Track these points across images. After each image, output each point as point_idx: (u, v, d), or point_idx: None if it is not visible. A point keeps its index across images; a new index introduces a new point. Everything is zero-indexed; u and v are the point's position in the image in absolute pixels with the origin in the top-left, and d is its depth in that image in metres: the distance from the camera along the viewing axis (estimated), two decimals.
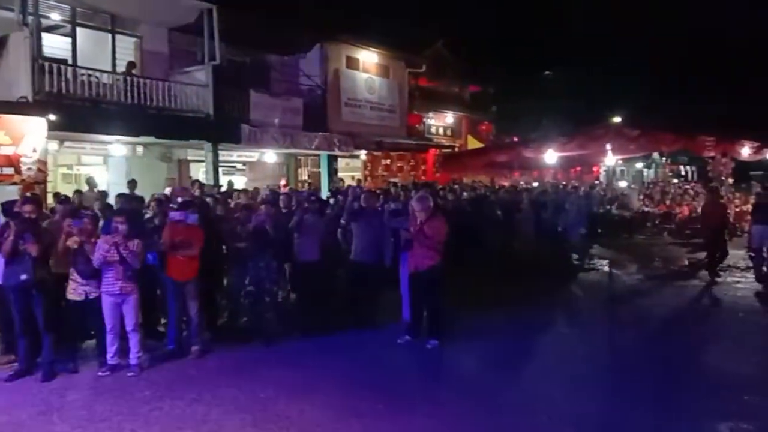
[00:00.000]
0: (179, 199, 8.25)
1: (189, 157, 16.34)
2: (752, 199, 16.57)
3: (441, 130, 27.55)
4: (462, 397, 5.77)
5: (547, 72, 38.31)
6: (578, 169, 27.87)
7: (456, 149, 26.23)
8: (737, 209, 19.13)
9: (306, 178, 19.89)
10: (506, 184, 20.90)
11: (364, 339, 7.61)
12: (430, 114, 26.67)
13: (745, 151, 18.18)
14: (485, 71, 29.26)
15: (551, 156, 19.49)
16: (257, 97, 16.00)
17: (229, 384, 6.10)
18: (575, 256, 14.19)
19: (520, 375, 6.45)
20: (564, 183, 23.94)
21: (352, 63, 20.66)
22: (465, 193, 15.12)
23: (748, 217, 14.28)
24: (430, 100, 26.39)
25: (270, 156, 17.95)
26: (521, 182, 22.55)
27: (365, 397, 5.72)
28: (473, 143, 28.11)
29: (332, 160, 19.03)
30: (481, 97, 30.87)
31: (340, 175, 19.17)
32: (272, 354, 7.17)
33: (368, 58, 21.31)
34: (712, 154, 19.54)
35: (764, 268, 12.20)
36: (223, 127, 14.69)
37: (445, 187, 15.77)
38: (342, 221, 8.84)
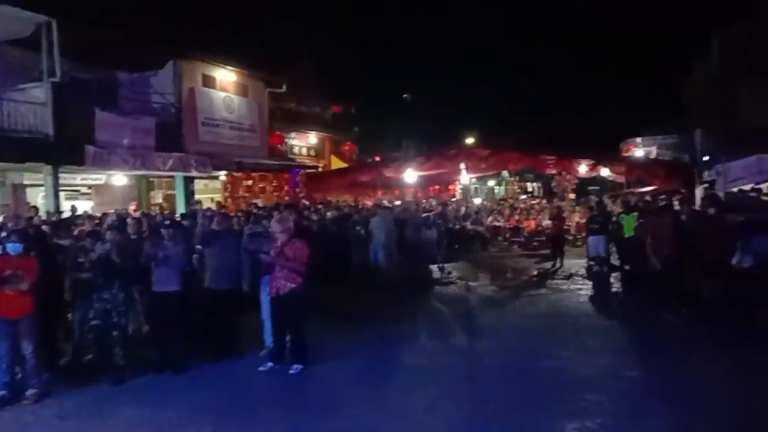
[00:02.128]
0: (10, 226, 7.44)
1: (26, 182, 14.90)
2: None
3: (304, 150, 27.47)
4: (326, 420, 5.69)
5: (405, 95, 39.74)
6: (436, 187, 29.10)
7: (319, 169, 26.26)
8: (578, 222, 20.86)
9: (160, 201, 18.85)
10: (369, 202, 21.24)
11: (225, 369, 7.30)
12: (293, 134, 26.52)
13: (582, 169, 19.95)
14: (347, 92, 29.73)
15: (411, 175, 20.15)
16: (104, 116, 14.93)
17: (70, 430, 5.53)
18: (435, 270, 14.69)
19: (385, 393, 6.48)
20: (424, 201, 24.88)
21: (208, 81, 20.03)
22: (329, 213, 15.15)
23: None
24: (292, 120, 26.25)
25: (119, 178, 16.82)
26: (384, 201, 23.03)
27: (227, 430, 5.45)
28: (337, 163, 28.31)
29: (189, 181, 18.21)
30: (343, 118, 31.25)
31: (198, 197, 18.39)
32: (122, 392, 6.64)
33: (226, 76, 20.79)
34: (554, 171, 21.26)
35: (602, 275, 13.41)
36: (64, 149, 13.52)
37: (310, 207, 15.69)
38: (197, 246, 8.42)
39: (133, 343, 7.59)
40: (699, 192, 17.58)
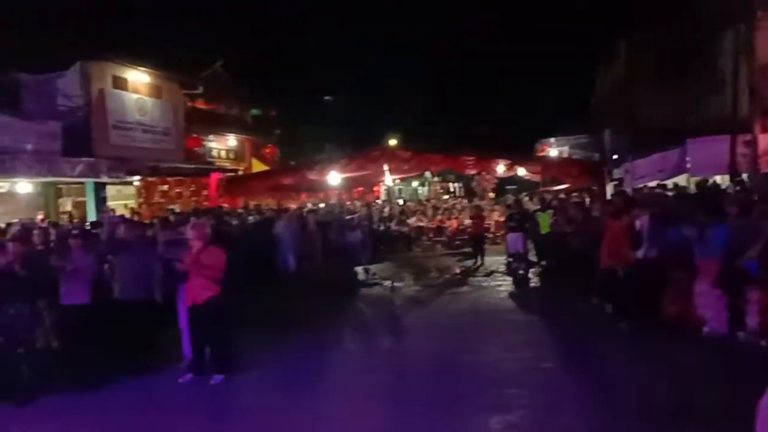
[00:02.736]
0: None
1: None
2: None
3: (223, 154, 26.84)
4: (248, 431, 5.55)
5: (327, 97, 39.59)
6: (361, 189, 29.15)
7: (240, 173, 25.72)
8: (497, 220, 21.45)
9: (69, 209, 17.89)
10: (293, 205, 21.00)
11: (143, 383, 6.97)
12: (211, 137, 25.85)
13: (500, 169, 20.48)
14: (267, 94, 29.29)
15: (335, 177, 20.08)
16: (5, 120, 14.06)
17: None
18: (360, 272, 14.68)
19: (308, 399, 6.38)
20: (348, 202, 24.86)
21: (119, 83, 19.20)
22: (251, 217, 14.85)
23: None
24: (210, 122, 25.60)
25: (24, 186, 15.82)
26: (308, 204, 22.85)
27: None
28: (258, 166, 27.83)
29: (100, 188, 17.37)
30: (264, 120, 30.77)
31: (111, 204, 17.57)
32: (30, 413, 6.22)
33: (138, 77, 20.00)
34: (473, 171, 21.75)
35: (521, 271, 13.84)
36: None
37: (230, 212, 15.32)
38: (107, 256, 8.01)
39: (41, 360, 7.12)
40: (609, 189, 18.47)
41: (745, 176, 13.56)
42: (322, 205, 22.08)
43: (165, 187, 20.23)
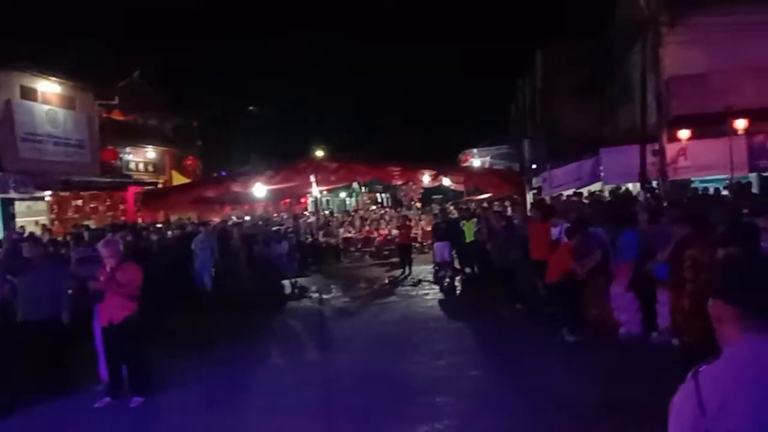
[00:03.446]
0: None
1: None
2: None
3: (142, 166, 25.87)
4: None
5: (251, 107, 38.95)
6: (287, 200, 28.82)
7: (160, 186, 24.85)
8: (424, 229, 21.69)
9: None
10: (217, 219, 20.48)
11: (57, 409, 6.55)
12: (128, 149, 24.87)
13: (426, 179, 20.77)
14: (188, 104, 28.47)
15: (260, 189, 19.75)
16: None
17: None
18: (287, 285, 14.46)
19: (232, 418, 6.18)
20: (275, 214, 24.51)
21: (28, 93, 18.18)
22: (170, 232, 14.35)
23: None
24: (127, 134, 24.63)
25: None
26: (233, 217, 22.35)
27: None
28: (179, 179, 26.97)
29: (8, 203, 16.34)
30: (185, 131, 29.90)
31: (20, 221, 16.54)
32: None
33: (48, 88, 19.01)
34: (400, 182, 21.95)
35: (447, 280, 14.04)
36: None
37: (149, 227, 14.75)
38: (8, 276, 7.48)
39: None
40: (529, 197, 19.09)
41: (655, 183, 14.34)
42: (247, 218, 21.65)
43: (79, 202, 19.26)
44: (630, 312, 7.87)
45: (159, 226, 15.24)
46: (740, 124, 13.46)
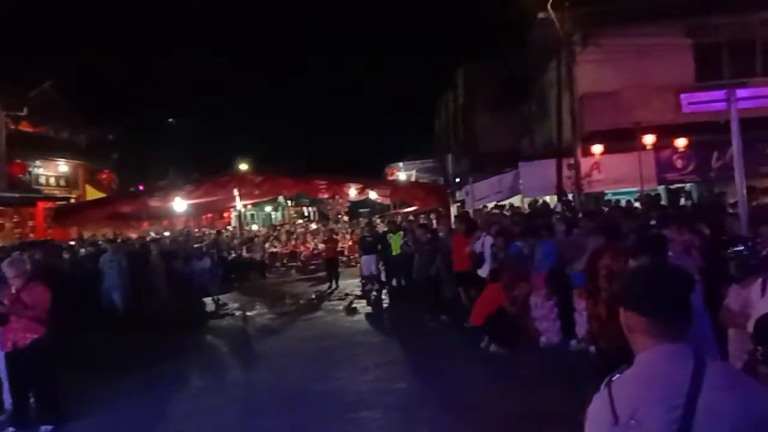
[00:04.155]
0: None
1: None
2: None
3: (53, 180, 24.53)
4: None
5: (171, 119, 37.79)
6: (210, 215, 28.10)
7: (72, 201, 23.63)
8: (351, 243, 21.69)
9: None
10: (134, 235, 19.67)
11: None
12: (38, 162, 23.53)
13: (352, 192, 20.80)
14: (104, 116, 27.28)
15: (180, 204, 19.16)
16: None
17: None
18: (209, 303, 14.04)
19: None
20: (197, 230, 23.82)
21: None
22: (83, 250, 13.64)
23: None
24: (37, 146, 23.31)
25: None
26: (151, 233, 21.53)
27: None
28: (93, 194, 25.71)
29: None
30: (100, 144, 28.62)
31: None
32: None
33: None
34: (326, 195, 21.87)
35: (374, 293, 14.06)
36: None
37: (61, 245, 13.96)
38: None
39: None
40: (453, 210, 19.45)
41: (571, 196, 14.93)
42: (167, 234, 20.92)
43: None
44: (549, 321, 8.11)
45: (72, 243, 14.46)
46: (648, 139, 14.23)
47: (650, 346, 1.72)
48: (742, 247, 4.63)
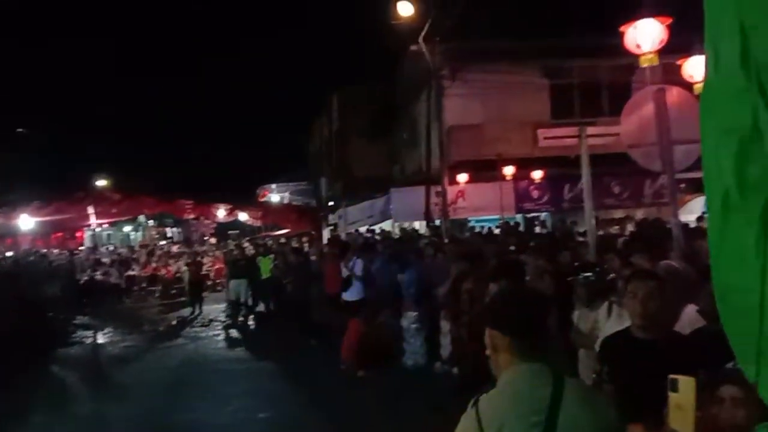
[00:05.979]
0: None
1: None
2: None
3: None
4: None
5: (19, 129, 34.50)
6: (60, 234, 25.89)
7: None
8: (218, 266, 20.87)
9: None
10: None
11: None
12: None
13: (221, 213, 20.18)
14: None
15: (27, 222, 17.52)
16: None
17: None
18: (57, 329, 12.81)
19: None
20: (45, 250, 21.78)
21: None
22: None
23: None
24: None
25: None
26: None
27: None
28: None
29: None
30: None
31: None
32: None
33: None
34: (192, 216, 20.98)
35: (241, 318, 13.59)
36: None
37: None
38: None
39: None
40: (326, 233, 19.44)
41: (438, 222, 15.46)
42: (10, 254, 18.94)
43: None
44: (415, 343, 8.24)
45: None
46: (508, 170, 15.12)
47: (513, 364, 1.84)
48: (590, 273, 4.98)
